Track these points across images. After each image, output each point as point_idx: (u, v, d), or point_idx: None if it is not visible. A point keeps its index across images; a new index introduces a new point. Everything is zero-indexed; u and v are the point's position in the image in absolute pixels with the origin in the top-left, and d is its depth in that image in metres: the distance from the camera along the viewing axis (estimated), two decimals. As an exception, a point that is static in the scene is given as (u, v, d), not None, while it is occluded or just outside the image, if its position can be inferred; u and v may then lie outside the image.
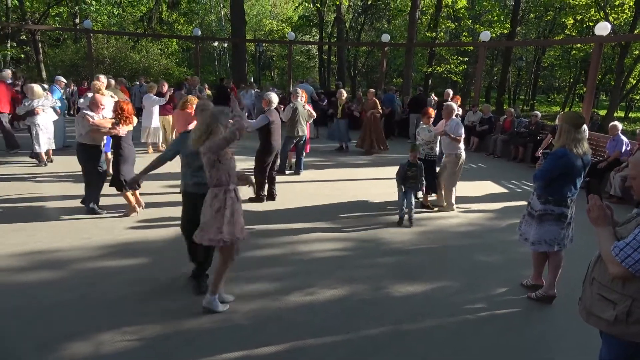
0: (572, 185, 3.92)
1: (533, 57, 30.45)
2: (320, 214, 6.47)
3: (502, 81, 24.71)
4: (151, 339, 3.40)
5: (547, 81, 35.40)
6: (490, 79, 31.34)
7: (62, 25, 26.33)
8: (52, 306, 3.78)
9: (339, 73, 27.06)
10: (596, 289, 2.31)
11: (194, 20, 32.92)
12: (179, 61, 28.09)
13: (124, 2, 26.37)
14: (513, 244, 5.25)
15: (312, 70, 37.38)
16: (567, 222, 4.01)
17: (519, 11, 23.40)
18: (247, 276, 4.43)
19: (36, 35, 23.77)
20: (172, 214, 6.01)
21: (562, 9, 22.42)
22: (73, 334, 3.40)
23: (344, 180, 8.50)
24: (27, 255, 4.71)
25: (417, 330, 3.69)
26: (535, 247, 4.12)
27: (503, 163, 10.93)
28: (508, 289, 4.44)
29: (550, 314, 4.04)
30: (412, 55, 18.80)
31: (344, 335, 3.56)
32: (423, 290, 4.35)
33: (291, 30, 27.12)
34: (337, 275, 4.55)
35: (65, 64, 22.24)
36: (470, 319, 3.88)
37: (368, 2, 29.25)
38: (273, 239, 5.48)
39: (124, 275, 4.39)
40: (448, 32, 27.34)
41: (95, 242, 5.12)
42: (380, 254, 5.19)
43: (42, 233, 5.30)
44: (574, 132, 3.81)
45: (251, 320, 3.71)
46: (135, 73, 21.56)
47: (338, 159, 10.53)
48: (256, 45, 28.53)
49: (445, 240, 5.68)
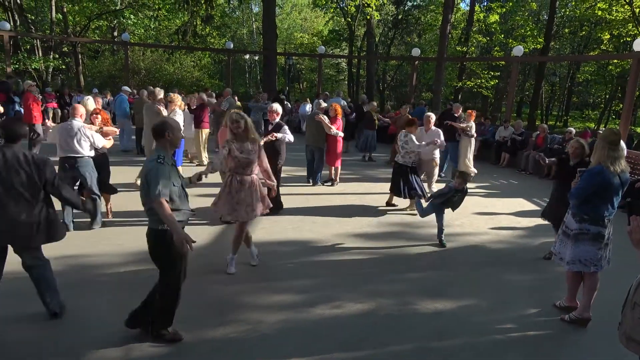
0: (609, 204, 3.80)
1: (567, 72, 29.81)
2: (347, 226, 6.46)
3: (534, 96, 24.25)
4: (179, 346, 3.44)
5: (582, 97, 34.56)
6: (522, 94, 30.80)
7: (101, 38, 27.41)
8: (83, 311, 3.87)
9: (368, 87, 27.14)
10: (638, 314, 2.22)
11: (227, 33, 33.73)
12: (210, 73, 28.77)
13: (160, 16, 27.30)
14: (545, 263, 5.11)
15: (342, 83, 37.59)
16: (604, 243, 3.88)
17: (553, 26, 23.02)
18: (274, 287, 4.45)
19: (77, 47, 24.82)
20: (200, 221, 6.10)
21: (598, 24, 21.96)
22: (103, 339, 3.47)
23: (371, 194, 8.46)
24: (60, 259, 4.85)
25: (443, 348, 3.61)
26: (570, 267, 3.99)
27: (535, 180, 10.68)
28: (540, 310, 4.31)
29: (584, 338, 3.89)
30: (443, 70, 18.69)
31: (369, 350, 3.52)
32: (450, 308, 4.26)
33: (321, 44, 27.43)
34: (363, 289, 4.52)
35: (103, 74, 23.12)
36: (499, 340, 3.77)
37: (399, 17, 29.34)
38: (299, 251, 5.49)
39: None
40: (479, 47, 27.09)
41: (126, 249, 5.23)
42: (407, 269, 5.13)
43: (75, 238, 5.46)
44: (608, 148, 3.71)
45: (277, 331, 3.72)
46: (169, 84, 22.19)
47: (365, 172, 10.50)
48: (286, 58, 28.96)
49: (474, 257, 5.57)
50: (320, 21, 36.95)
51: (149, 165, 3.20)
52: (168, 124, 3.31)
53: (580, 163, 5.02)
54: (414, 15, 29.92)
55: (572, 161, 5.08)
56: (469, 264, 5.36)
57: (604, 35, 21.18)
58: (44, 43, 24.25)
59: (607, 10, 19.68)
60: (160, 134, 3.28)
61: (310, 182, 8.93)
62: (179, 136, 3.39)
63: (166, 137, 3.28)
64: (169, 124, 3.32)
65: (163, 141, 3.30)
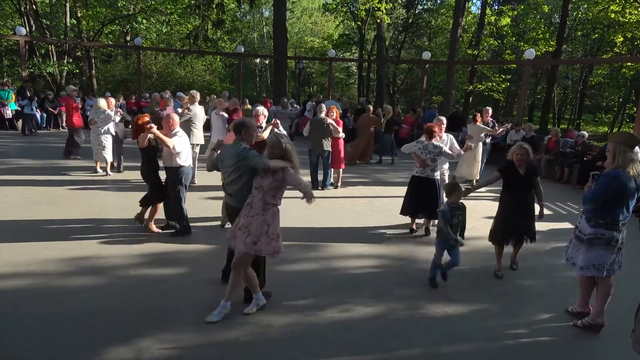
0: (624, 208, 3.75)
1: (579, 75, 29.52)
2: (356, 230, 6.45)
3: (546, 100, 24.05)
4: (188, 348, 3.46)
5: (595, 100, 34.16)
6: (533, 98, 30.56)
7: (114, 43, 27.75)
8: (94, 311, 3.91)
9: (378, 90, 27.12)
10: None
11: (237, 37, 33.96)
12: (221, 77, 28.98)
13: (172, 21, 27.57)
14: (558, 268, 5.05)
15: (352, 87, 37.62)
16: (617, 247, 3.82)
17: (565, 29, 22.83)
18: (283, 291, 4.45)
19: (90, 52, 25.15)
20: (212, 227, 6.14)
21: (611, 27, 21.72)
22: (114, 340, 3.50)
23: (381, 197, 8.45)
24: (74, 260, 4.92)
25: (453, 353, 3.58)
26: (584, 272, 3.93)
27: (547, 184, 10.56)
28: (552, 315, 4.25)
29: (597, 344, 3.83)
30: (453, 73, 18.63)
31: (378, 354, 3.50)
32: (461, 312, 4.23)
33: (332, 48, 27.47)
34: (372, 293, 4.50)
35: (116, 78, 23.41)
36: (510, 345, 3.73)
37: (409, 20, 29.31)
38: (309, 254, 5.50)
39: (165, 283, 4.50)
40: (490, 50, 26.96)
41: (138, 250, 5.28)
42: (416, 273, 5.10)
43: (88, 239, 5.52)
44: (629, 152, 3.66)
45: (286, 334, 3.72)
46: (180, 88, 22.40)
47: (375, 176, 10.49)
48: (297, 62, 29.06)
49: (485, 262, 5.52)
50: (331, 25, 37.06)
51: (238, 150, 3.83)
52: (245, 124, 3.93)
53: (529, 170, 4.90)
54: (424, 19, 29.88)
55: (521, 170, 4.90)
56: (480, 268, 5.31)
57: (617, 37, 20.94)
58: (58, 48, 24.64)
59: (620, 13, 19.46)
60: (237, 131, 3.93)
61: (319, 188, 8.88)
62: (253, 134, 4.01)
63: (242, 135, 3.91)
64: (246, 124, 3.94)
65: (239, 137, 3.93)
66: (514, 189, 5.00)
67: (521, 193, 5.00)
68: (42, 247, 5.18)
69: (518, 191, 4.99)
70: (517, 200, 4.99)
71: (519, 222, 4.97)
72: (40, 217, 6.30)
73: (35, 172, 9.12)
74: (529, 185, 4.97)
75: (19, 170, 9.29)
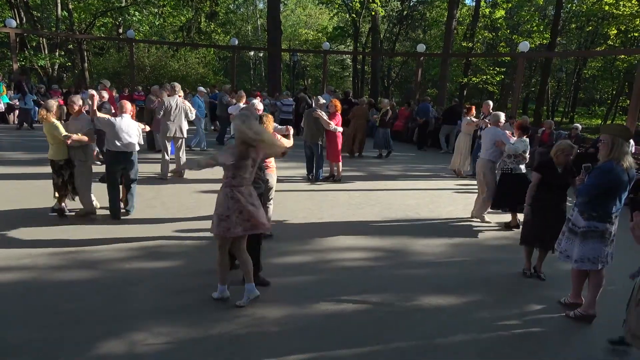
0: (617, 200, 3.76)
1: (573, 68, 29.61)
2: (352, 223, 6.45)
3: (540, 93, 24.12)
4: (183, 342, 3.45)
5: (588, 93, 34.31)
6: (528, 90, 30.63)
7: (106, 35, 27.48)
8: (87, 305, 3.89)
9: (373, 83, 27.08)
10: (641, 311, 2.20)
11: (231, 30, 33.72)
12: (215, 70, 28.79)
13: (165, 13, 27.33)
14: (550, 260, 5.08)
15: (346, 80, 37.54)
16: (610, 239, 3.85)
17: (559, 21, 22.85)
18: (277, 283, 4.45)
19: (82, 45, 24.90)
20: (206, 218, 6.12)
21: (605, 19, 21.76)
22: (107, 333, 3.49)
23: (376, 190, 8.45)
24: (66, 254, 4.88)
25: (447, 344, 3.60)
26: (579, 265, 3.93)
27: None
28: (545, 307, 4.29)
29: (589, 334, 3.87)
30: (448, 66, 18.63)
31: (373, 346, 3.52)
32: (455, 304, 4.25)
33: (326, 40, 27.35)
34: (367, 285, 4.52)
35: (108, 71, 23.16)
36: (504, 336, 3.76)
37: (404, 13, 29.22)
38: (303, 247, 5.50)
39: (159, 277, 4.49)
40: (484, 42, 26.96)
41: (131, 244, 5.26)
42: (411, 265, 5.12)
43: (81, 232, 5.49)
44: (625, 145, 3.66)
45: (280, 327, 3.72)
46: (174, 80, 22.25)
47: (371, 169, 10.49)
48: (291, 55, 28.92)
49: (479, 254, 5.55)
50: (325, 17, 36.88)
51: None
52: None
53: (567, 168, 4.67)
54: (419, 11, 29.82)
55: (559, 168, 4.69)
56: (474, 260, 5.34)
57: (611, 30, 21.00)
58: (50, 40, 24.37)
59: (614, 5, 19.50)
60: None
61: (311, 178, 8.92)
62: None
63: None
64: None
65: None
66: (550, 190, 4.73)
67: (557, 193, 4.78)
68: (34, 241, 5.15)
69: (554, 191, 4.75)
70: (552, 200, 4.75)
71: (556, 226, 4.47)
72: (34, 209, 6.25)
73: (28, 164, 9.06)
74: (565, 185, 4.77)
75: (11, 163, 9.21)
